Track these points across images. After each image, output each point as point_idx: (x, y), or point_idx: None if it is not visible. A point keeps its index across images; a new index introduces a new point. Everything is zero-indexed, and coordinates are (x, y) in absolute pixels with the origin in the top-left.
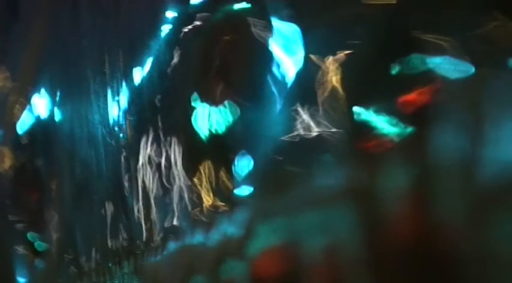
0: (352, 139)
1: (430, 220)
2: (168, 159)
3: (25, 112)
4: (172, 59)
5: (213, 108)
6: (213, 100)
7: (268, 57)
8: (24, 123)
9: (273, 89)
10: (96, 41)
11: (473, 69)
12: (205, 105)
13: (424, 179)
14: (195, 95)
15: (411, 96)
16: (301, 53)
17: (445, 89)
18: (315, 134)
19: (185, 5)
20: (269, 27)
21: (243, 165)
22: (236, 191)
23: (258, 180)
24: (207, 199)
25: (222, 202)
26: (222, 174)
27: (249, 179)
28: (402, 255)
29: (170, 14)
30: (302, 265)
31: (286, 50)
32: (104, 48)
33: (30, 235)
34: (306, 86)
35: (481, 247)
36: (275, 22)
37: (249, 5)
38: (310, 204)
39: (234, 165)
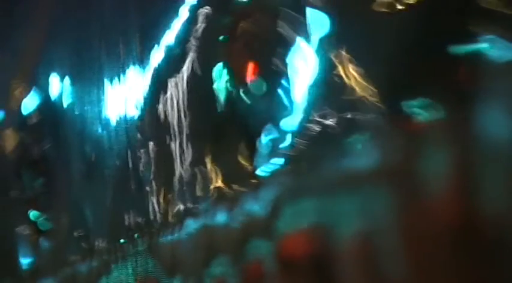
0: (389, 121)
1: (471, 204)
2: (181, 139)
3: (30, 93)
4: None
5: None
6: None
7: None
8: (29, 104)
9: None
10: (108, 21)
11: None
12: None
13: (464, 163)
14: (219, 71)
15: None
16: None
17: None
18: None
19: None
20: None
21: (269, 142)
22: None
23: (287, 158)
24: (223, 180)
25: (242, 181)
26: (242, 153)
27: (276, 157)
28: (441, 240)
29: None
30: (333, 248)
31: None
32: (118, 29)
33: (33, 214)
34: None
35: None
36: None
37: None
38: (343, 185)
39: (258, 143)
